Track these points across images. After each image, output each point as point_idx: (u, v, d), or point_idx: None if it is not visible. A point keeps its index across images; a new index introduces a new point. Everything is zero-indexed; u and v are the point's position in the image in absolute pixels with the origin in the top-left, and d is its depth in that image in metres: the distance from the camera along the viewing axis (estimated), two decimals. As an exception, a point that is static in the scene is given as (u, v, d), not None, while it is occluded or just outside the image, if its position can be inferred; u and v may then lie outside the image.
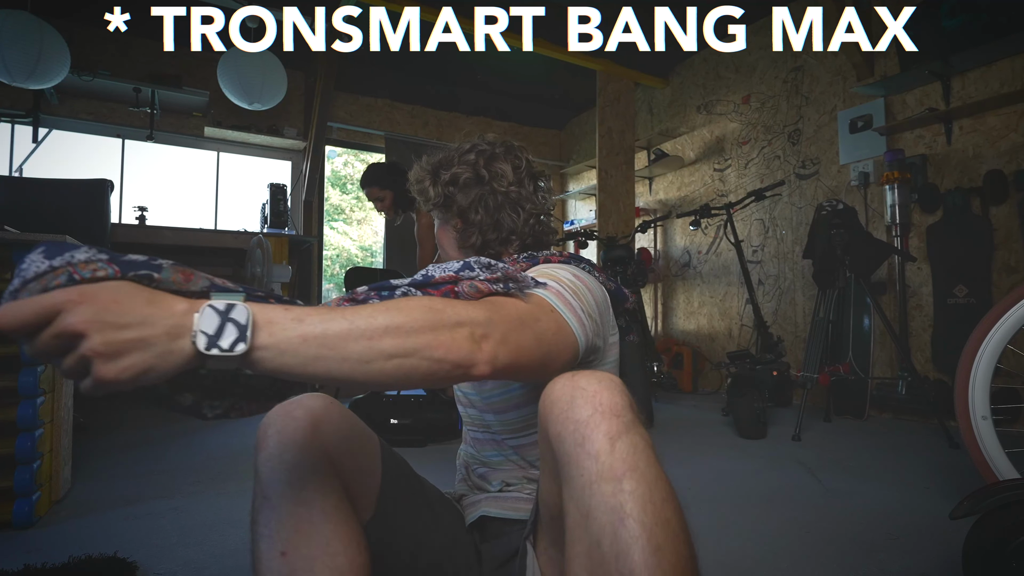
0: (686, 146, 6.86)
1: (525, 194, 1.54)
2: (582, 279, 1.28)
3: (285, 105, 7.03)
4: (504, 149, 1.56)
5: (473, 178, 1.53)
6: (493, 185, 1.52)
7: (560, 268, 1.31)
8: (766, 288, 5.86)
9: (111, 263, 0.86)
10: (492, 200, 1.52)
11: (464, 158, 1.55)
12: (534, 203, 1.55)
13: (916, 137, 4.75)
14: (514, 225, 1.52)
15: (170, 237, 5.32)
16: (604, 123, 6.62)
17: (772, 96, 5.90)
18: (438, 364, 0.94)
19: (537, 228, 1.55)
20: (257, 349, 0.86)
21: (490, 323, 1.00)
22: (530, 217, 1.54)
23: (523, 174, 1.55)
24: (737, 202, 5.21)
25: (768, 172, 5.91)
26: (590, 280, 1.32)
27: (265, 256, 5.01)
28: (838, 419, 4.59)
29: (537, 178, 1.58)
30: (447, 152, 1.60)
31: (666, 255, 7.09)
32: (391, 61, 6.97)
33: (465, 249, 1.55)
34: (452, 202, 1.54)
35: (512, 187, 1.53)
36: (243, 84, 5.59)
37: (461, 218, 1.54)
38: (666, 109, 7.14)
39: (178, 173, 6.90)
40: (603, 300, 1.33)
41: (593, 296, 1.27)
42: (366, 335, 0.90)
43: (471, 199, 1.52)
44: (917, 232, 4.71)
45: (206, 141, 6.75)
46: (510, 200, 1.52)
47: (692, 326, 6.71)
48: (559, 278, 1.24)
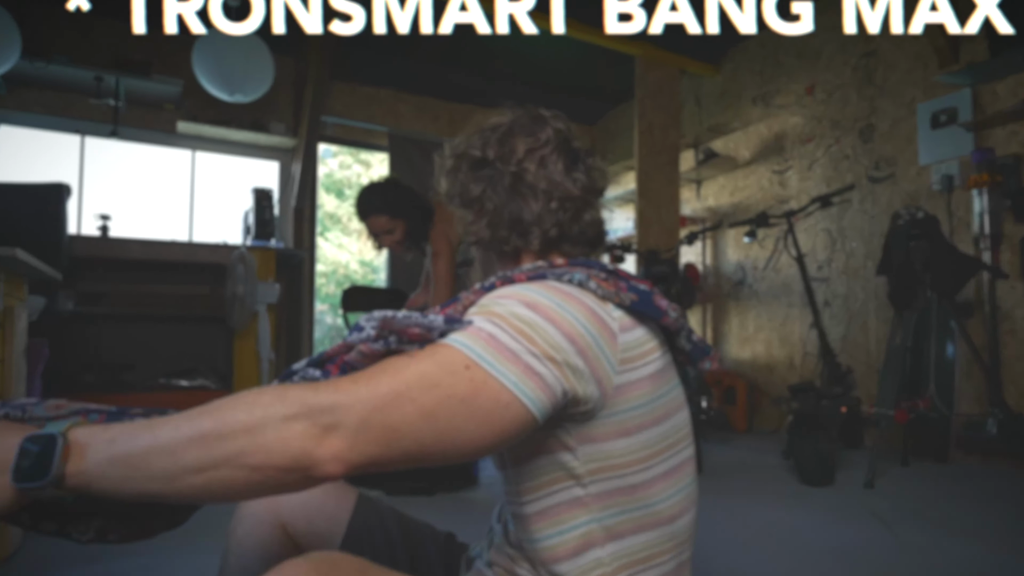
0: (740, 144, 6.90)
1: (543, 174, 1.39)
2: (546, 306, 1.13)
3: (272, 96, 7.00)
4: (528, 119, 1.45)
5: (480, 158, 1.43)
6: (499, 166, 1.40)
7: (511, 296, 1.16)
8: (833, 310, 5.86)
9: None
10: (500, 183, 1.40)
11: (481, 135, 1.46)
12: (558, 185, 1.39)
13: (1009, 134, 4.75)
14: (528, 215, 1.39)
15: (137, 251, 5.41)
16: (644, 117, 6.65)
17: (840, 86, 5.92)
18: (258, 472, 0.92)
19: (563, 218, 1.39)
20: (69, 476, 0.94)
21: (340, 408, 0.95)
22: (551, 202, 1.39)
23: (543, 148, 1.41)
24: (799, 209, 5.21)
25: (835, 174, 5.93)
26: (567, 303, 1.15)
27: (248, 273, 5.08)
28: (917, 463, 4.58)
29: (571, 154, 1.43)
30: (475, 132, 1.51)
31: (716, 271, 7.11)
32: (397, 45, 7.03)
33: (477, 243, 1.48)
34: (466, 191, 1.45)
35: (526, 164, 1.39)
36: (223, 72, 5.66)
37: (474, 209, 1.45)
38: (717, 101, 7.18)
39: (147, 176, 6.90)
40: (596, 326, 1.15)
41: (566, 326, 1.11)
42: (168, 449, 0.93)
43: (482, 185, 1.42)
44: (1010, 244, 4.70)
45: (180, 138, 6.79)
46: (522, 182, 1.39)
47: (747, 354, 6.71)
48: (496, 313, 1.11)
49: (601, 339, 1.15)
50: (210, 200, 7.04)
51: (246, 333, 5.50)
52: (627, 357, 1.18)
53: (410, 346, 1.05)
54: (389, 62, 7.40)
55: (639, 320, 1.23)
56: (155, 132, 6.67)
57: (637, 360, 1.19)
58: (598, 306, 1.18)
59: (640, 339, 1.21)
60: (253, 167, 7.33)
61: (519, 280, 1.24)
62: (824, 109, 6.06)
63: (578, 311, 1.14)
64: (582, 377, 1.10)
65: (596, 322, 1.15)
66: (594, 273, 1.25)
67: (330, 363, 1.09)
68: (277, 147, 7.27)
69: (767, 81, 6.63)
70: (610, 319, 1.18)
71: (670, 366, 1.30)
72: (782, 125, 6.46)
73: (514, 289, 1.18)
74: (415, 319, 1.06)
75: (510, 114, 1.47)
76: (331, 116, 7.49)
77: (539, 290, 1.17)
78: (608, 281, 1.24)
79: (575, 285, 1.21)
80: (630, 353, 1.18)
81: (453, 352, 1.03)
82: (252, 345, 5.50)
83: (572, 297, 1.17)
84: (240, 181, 7.19)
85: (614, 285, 1.24)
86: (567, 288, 1.19)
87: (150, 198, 6.91)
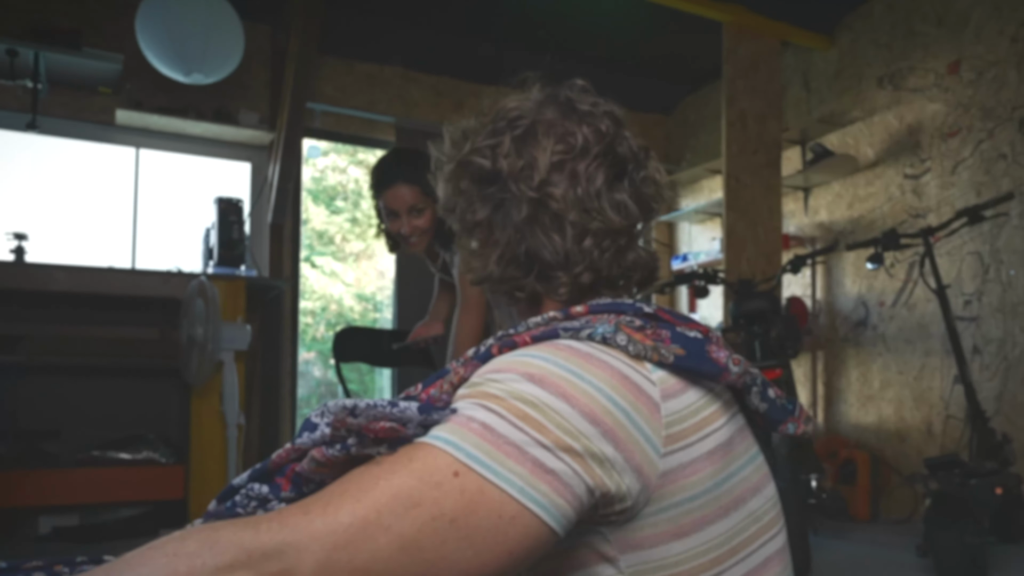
0: (861, 139, 6.88)
1: (573, 198, 1.34)
2: (557, 376, 1.09)
3: (242, 77, 7.01)
4: (558, 110, 1.40)
5: (489, 171, 1.38)
6: (513, 186, 1.36)
7: (510, 367, 1.12)
8: (985, 359, 5.81)
9: None
10: (514, 209, 1.37)
11: (492, 133, 1.41)
12: (594, 213, 1.35)
13: None
14: (550, 253, 1.35)
15: (63, 281, 5.44)
16: (735, 105, 6.67)
17: (995, 63, 5.91)
18: None
19: (599, 258, 1.36)
20: None
21: (290, 550, 0.93)
22: (584, 238, 1.35)
23: (578, 159, 1.35)
24: (940, 226, 5.17)
25: (989, 179, 5.90)
26: (587, 369, 1.11)
27: (210, 310, 5.11)
28: (1102, 566, 4.52)
29: (616, 164, 1.39)
30: (480, 115, 1.47)
31: (830, 308, 7.08)
32: (406, 8, 7.10)
33: (481, 284, 1.46)
34: (468, 210, 1.44)
35: (551, 185, 1.34)
36: (176, 43, 5.71)
37: (478, 236, 1.44)
38: (830, 83, 7.19)
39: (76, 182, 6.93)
40: (629, 396, 1.11)
41: (585, 401, 1.07)
42: None
43: (489, 207, 1.40)
44: None
45: (119, 132, 6.81)
46: (545, 210, 1.35)
47: (871, 417, 6.66)
48: (490, 394, 1.08)
49: (636, 413, 1.10)
50: (160, 214, 7.06)
51: (207, 389, 5.55)
52: (675, 433, 1.14)
53: (377, 448, 1.01)
54: (397, 32, 7.44)
55: (690, 380, 1.19)
56: (86, 124, 6.68)
57: (690, 434, 1.15)
58: (631, 368, 1.14)
59: (693, 405, 1.17)
60: (217, 170, 7.36)
61: (523, 343, 1.20)
62: (973, 93, 6.04)
63: (602, 378, 1.10)
64: (613, 468, 1.06)
65: (629, 390, 1.11)
66: (624, 322, 1.21)
67: (279, 475, 1.08)
68: (248, 144, 7.29)
69: (897, 56, 6.61)
70: (648, 384, 1.13)
71: (741, 433, 1.27)
72: (917, 114, 6.43)
73: (514, 358, 1.15)
74: (381, 409, 1.01)
75: (533, 98, 1.43)
76: (320, 103, 7.51)
77: (547, 355, 1.13)
78: (644, 331, 1.21)
79: (598, 342, 1.16)
80: (680, 427, 1.14)
81: (435, 454, 1.00)
82: (215, 405, 5.55)
83: (593, 360, 1.13)
84: (200, 189, 7.21)
85: (652, 336, 1.20)
86: (586, 348, 1.15)
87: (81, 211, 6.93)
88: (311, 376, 14.05)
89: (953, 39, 6.20)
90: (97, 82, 6.47)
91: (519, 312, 1.45)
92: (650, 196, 1.42)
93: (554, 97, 1.42)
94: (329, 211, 15.81)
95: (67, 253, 6.52)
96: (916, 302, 6.38)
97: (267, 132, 7.06)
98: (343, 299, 15.67)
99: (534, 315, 1.34)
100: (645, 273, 1.44)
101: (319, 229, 15.71)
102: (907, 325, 6.45)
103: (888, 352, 6.59)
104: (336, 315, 15.37)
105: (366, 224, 16.53)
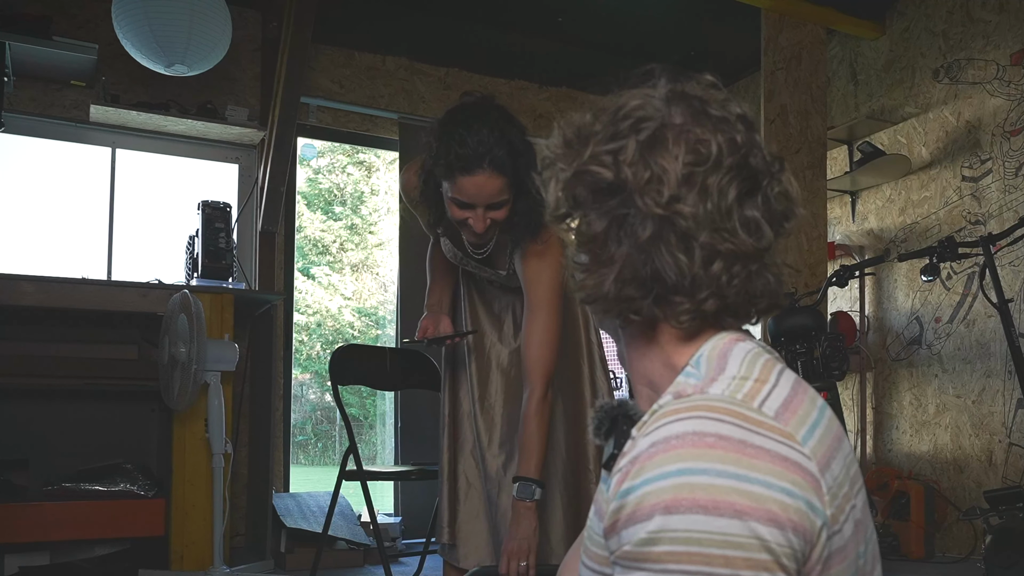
0: (914, 138, 6.86)
1: (704, 215, 1.31)
2: (723, 491, 1.13)
3: (229, 69, 7.07)
4: (688, 110, 1.37)
5: (611, 183, 1.36)
6: (638, 200, 1.33)
7: (677, 504, 1.14)
8: (1056, 382, 5.74)
9: None
10: (638, 225, 1.34)
11: (612, 135, 1.38)
12: (726, 234, 1.33)
13: None
14: (673, 273, 1.33)
15: (32, 295, 5.39)
16: (774, 99, 6.67)
17: (1064, 51, 5.86)
18: None
19: (726, 285, 1.34)
20: None
21: None
22: (713, 261, 1.33)
23: (712, 172, 1.32)
24: (1002, 233, 5.16)
25: (1059, 181, 5.84)
26: (753, 467, 1.15)
27: (194, 327, 5.07)
28: None
29: (750, 176, 1.37)
30: (597, 112, 1.44)
31: (880, 324, 7.07)
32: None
33: (592, 303, 1.43)
34: (584, 223, 1.42)
35: (681, 202, 1.31)
36: (157, 32, 5.70)
37: (591, 250, 1.41)
38: (880, 75, 7.17)
39: (46, 184, 6.96)
40: (799, 481, 1.16)
41: (763, 507, 1.12)
42: None
43: (607, 220, 1.37)
44: None
45: (94, 130, 6.84)
46: (672, 229, 1.32)
47: (925, 446, 6.63)
48: (663, 555, 1.14)
49: (806, 492, 1.16)
50: (139, 220, 7.07)
51: (191, 414, 5.51)
52: (835, 513, 1.19)
53: None
54: (401, 18, 7.45)
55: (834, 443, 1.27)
56: (57, 121, 6.70)
57: (845, 508, 1.22)
58: (786, 445, 1.18)
59: (840, 474, 1.23)
60: (202, 172, 7.40)
61: (678, 415, 1.21)
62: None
63: (767, 469, 1.15)
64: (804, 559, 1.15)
65: (795, 472, 1.16)
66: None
67: None
68: (236, 142, 7.32)
69: (954, 46, 6.60)
70: (805, 459, 1.18)
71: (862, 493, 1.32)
72: (977, 110, 6.40)
73: (672, 482, 1.15)
74: None
75: (658, 95, 1.40)
76: (315, 97, 7.54)
77: (702, 464, 1.14)
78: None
79: (743, 414, 1.20)
80: (836, 503, 1.20)
81: None
82: (199, 432, 5.52)
83: (748, 449, 1.16)
84: (183, 192, 7.23)
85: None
86: (738, 433, 1.17)
87: (51, 217, 6.94)
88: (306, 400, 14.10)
89: (1017, 27, 6.18)
90: (69, 75, 6.47)
91: (629, 336, 1.45)
92: (782, 213, 1.41)
93: (682, 97, 1.39)
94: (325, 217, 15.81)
95: (35, 263, 6.52)
96: (975, 318, 6.36)
97: (257, 130, 7.05)
98: (341, 314, 15.67)
99: (647, 340, 1.41)
100: (771, 300, 1.42)
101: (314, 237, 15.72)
102: (965, 343, 6.42)
103: (944, 373, 6.56)
104: (333, 332, 15.37)
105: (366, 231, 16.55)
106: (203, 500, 5.50)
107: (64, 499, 5.36)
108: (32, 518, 5.23)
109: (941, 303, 6.60)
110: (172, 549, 5.50)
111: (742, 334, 1.42)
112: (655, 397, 1.42)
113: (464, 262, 3.81)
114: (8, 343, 5.61)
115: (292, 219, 7.48)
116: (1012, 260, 6.04)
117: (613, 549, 1.22)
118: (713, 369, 1.32)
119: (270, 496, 6.23)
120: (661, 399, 1.32)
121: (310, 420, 13.85)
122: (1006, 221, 6.02)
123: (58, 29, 6.19)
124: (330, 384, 4.89)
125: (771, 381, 1.27)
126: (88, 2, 6.56)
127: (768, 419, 1.18)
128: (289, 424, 7.18)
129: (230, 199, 7.08)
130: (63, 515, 5.28)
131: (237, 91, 7.23)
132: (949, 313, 6.54)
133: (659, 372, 1.43)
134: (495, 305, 3.97)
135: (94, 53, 6.16)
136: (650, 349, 1.43)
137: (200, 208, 6.22)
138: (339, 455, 11.73)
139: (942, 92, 6.65)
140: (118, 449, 5.84)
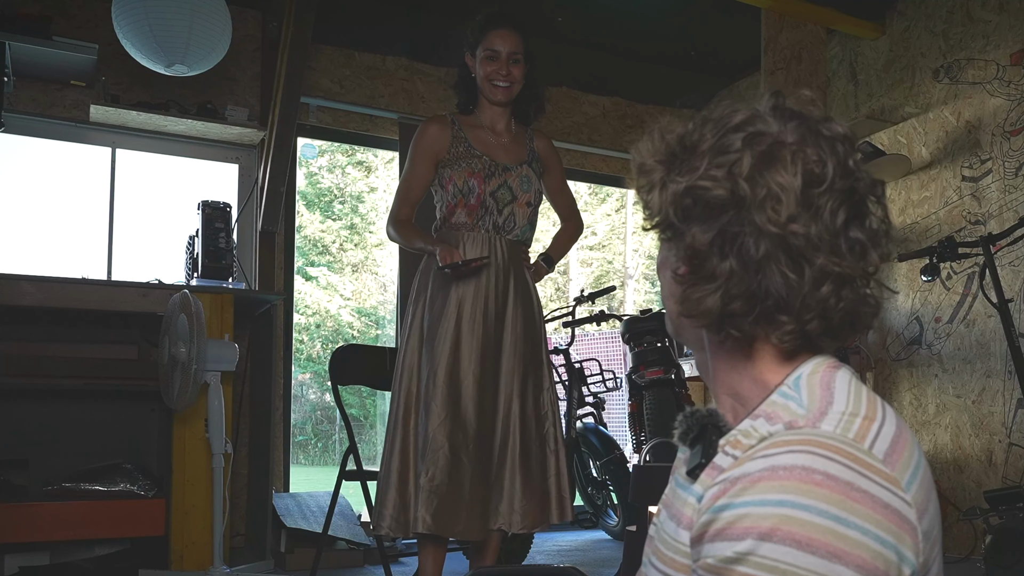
0: (914, 138, 6.87)
1: (816, 236, 1.32)
2: (822, 532, 1.16)
3: (229, 69, 7.05)
4: (803, 128, 1.38)
5: (724, 199, 1.35)
6: (755, 217, 1.33)
7: (774, 532, 1.17)
8: (1056, 382, 5.75)
9: None
10: (751, 243, 1.34)
11: (721, 148, 1.39)
12: (835, 257, 1.33)
13: None
14: (781, 289, 1.34)
15: (33, 295, 5.41)
16: (774, 99, 6.60)
17: (1063, 51, 5.86)
18: None
19: (833, 306, 1.35)
20: None
21: None
22: (823, 282, 1.34)
23: (827, 194, 1.34)
24: (1003, 233, 5.18)
25: (1058, 181, 5.84)
26: (854, 511, 1.18)
27: (194, 327, 5.07)
28: None
29: (856, 200, 1.38)
30: (701, 123, 1.48)
31: (880, 325, 7.08)
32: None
33: (693, 317, 1.43)
34: (681, 231, 1.42)
35: (796, 223, 1.31)
36: (157, 32, 5.69)
37: (695, 265, 1.41)
38: (880, 75, 7.18)
39: (46, 184, 6.93)
40: (894, 532, 1.19)
41: (858, 554, 1.15)
42: None
43: (711, 233, 1.37)
44: None
45: (94, 130, 6.83)
46: (787, 248, 1.32)
47: (925, 446, 6.61)
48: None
49: (903, 545, 1.18)
50: (139, 220, 7.04)
51: (191, 414, 5.52)
52: (926, 560, 1.23)
53: None
54: (401, 19, 7.44)
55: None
56: (57, 121, 6.69)
57: (935, 551, 1.25)
58: (890, 492, 1.21)
59: (934, 520, 1.26)
60: (201, 172, 7.38)
61: (780, 475, 1.21)
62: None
63: (867, 516, 1.17)
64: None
65: (894, 522, 1.19)
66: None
67: None
68: (236, 142, 7.31)
69: (954, 46, 6.60)
70: (906, 507, 1.21)
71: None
72: (977, 110, 6.41)
73: (772, 510, 1.17)
74: None
75: (764, 110, 1.41)
76: (315, 97, 7.53)
77: (806, 501, 1.16)
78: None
79: (853, 455, 1.21)
80: (927, 553, 1.23)
81: None
82: (199, 432, 5.52)
83: (854, 492, 1.18)
84: (183, 192, 7.21)
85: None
86: (846, 474, 1.19)
87: (51, 217, 6.91)
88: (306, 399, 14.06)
89: (1017, 27, 6.18)
90: (69, 75, 6.45)
91: (721, 348, 1.47)
92: (881, 236, 1.40)
93: (792, 114, 1.40)
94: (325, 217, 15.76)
95: (36, 263, 6.50)
96: (975, 318, 6.36)
97: (257, 130, 7.04)
98: (341, 314, 15.61)
99: (741, 355, 1.43)
100: (867, 324, 1.43)
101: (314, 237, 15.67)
102: (965, 343, 6.43)
103: (944, 373, 6.57)
104: (333, 332, 15.32)
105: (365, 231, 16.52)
106: (203, 500, 5.50)
107: (64, 499, 5.37)
108: (32, 518, 5.23)
109: (941, 303, 6.61)
110: (172, 549, 5.50)
111: (836, 360, 1.43)
112: (740, 409, 1.46)
113: (490, 169, 4.61)
114: (8, 343, 5.60)
115: (292, 219, 7.48)
116: (1012, 260, 6.04)
117: (695, 559, 1.27)
118: (819, 400, 1.33)
119: (270, 496, 6.22)
120: (772, 426, 1.33)
121: (310, 420, 13.80)
122: (1006, 221, 6.02)
123: (58, 29, 6.17)
124: (330, 384, 4.91)
125: (878, 419, 1.29)
126: (88, 2, 6.54)
127: (877, 462, 1.20)
128: (289, 424, 7.17)
129: (230, 199, 7.06)
130: (63, 515, 5.29)
131: (237, 91, 7.22)
132: (949, 313, 6.54)
133: (747, 386, 1.45)
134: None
135: (94, 53, 6.14)
136: (742, 363, 1.44)
137: (200, 208, 6.22)
138: (339, 455, 11.72)
139: (942, 92, 6.65)
140: (118, 449, 5.85)
